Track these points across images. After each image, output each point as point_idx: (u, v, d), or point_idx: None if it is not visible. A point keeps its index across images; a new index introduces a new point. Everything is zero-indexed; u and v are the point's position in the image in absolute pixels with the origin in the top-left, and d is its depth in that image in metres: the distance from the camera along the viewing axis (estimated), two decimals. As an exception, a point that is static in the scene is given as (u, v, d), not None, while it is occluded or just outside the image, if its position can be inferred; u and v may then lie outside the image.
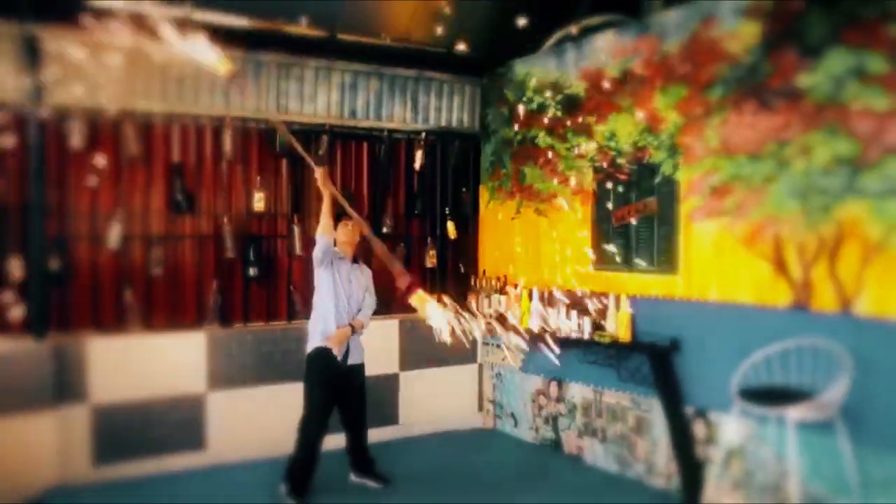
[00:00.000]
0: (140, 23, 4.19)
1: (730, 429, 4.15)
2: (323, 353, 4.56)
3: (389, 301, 5.58)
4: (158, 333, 5.12)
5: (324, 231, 4.49)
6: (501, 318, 5.50)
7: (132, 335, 5.05)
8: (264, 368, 5.40)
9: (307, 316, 4.77)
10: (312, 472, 4.54)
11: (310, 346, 4.61)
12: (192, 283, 5.32)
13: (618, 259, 5.00)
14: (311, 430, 4.52)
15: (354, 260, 4.76)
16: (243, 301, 5.50)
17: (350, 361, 4.65)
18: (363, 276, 4.80)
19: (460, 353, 6.14)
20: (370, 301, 4.80)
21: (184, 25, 3.69)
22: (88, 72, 4.87)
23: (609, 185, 5.04)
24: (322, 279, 4.59)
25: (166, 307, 5.23)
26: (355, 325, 4.63)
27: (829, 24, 3.67)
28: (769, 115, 3.96)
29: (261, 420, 5.32)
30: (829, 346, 3.67)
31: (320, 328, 4.59)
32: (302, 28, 5.00)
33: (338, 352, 4.57)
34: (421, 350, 5.99)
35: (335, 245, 4.62)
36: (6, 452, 4.49)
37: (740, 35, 4.11)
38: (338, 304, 4.58)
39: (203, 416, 5.21)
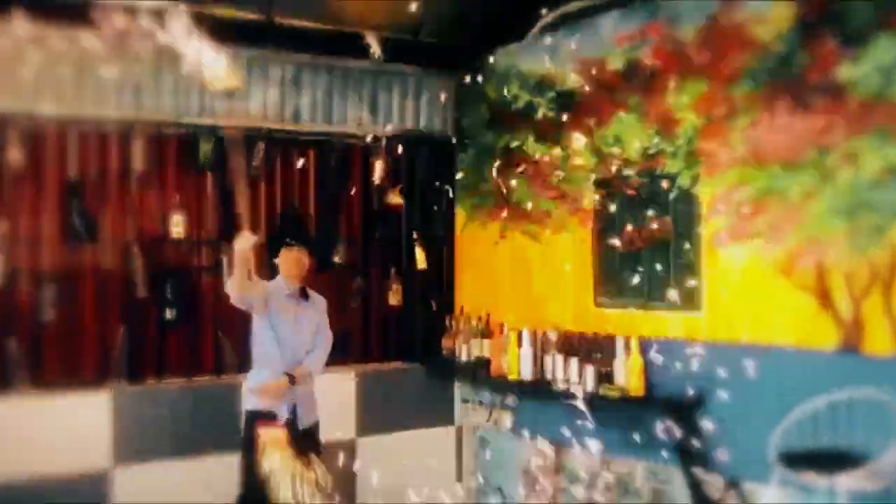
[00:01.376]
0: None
1: (768, 502, 4.16)
2: (261, 416, 4.51)
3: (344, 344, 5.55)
4: (50, 393, 5.05)
5: (231, 287, 4.41)
6: None
7: (17, 395, 4.97)
8: (185, 436, 5.31)
9: (241, 368, 4.71)
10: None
11: (246, 407, 4.61)
12: (94, 330, 5.29)
13: (627, 293, 5.02)
14: None
15: (304, 293, 4.72)
16: (158, 351, 5.48)
17: (303, 424, 4.60)
18: (315, 313, 4.76)
19: (434, 413, 6.14)
20: (321, 342, 4.74)
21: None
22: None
23: (614, 201, 5.09)
24: (259, 327, 4.55)
25: (61, 360, 5.18)
26: (297, 374, 4.56)
27: (875, 5, 3.75)
28: (807, 116, 4.02)
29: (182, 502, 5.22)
30: (887, 399, 3.70)
31: (255, 385, 4.55)
32: (231, 10, 5.00)
33: (279, 413, 4.51)
34: (384, 410, 5.94)
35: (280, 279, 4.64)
36: None
37: (770, 18, 4.18)
38: (283, 354, 4.54)
39: (107, 499, 5.12)
